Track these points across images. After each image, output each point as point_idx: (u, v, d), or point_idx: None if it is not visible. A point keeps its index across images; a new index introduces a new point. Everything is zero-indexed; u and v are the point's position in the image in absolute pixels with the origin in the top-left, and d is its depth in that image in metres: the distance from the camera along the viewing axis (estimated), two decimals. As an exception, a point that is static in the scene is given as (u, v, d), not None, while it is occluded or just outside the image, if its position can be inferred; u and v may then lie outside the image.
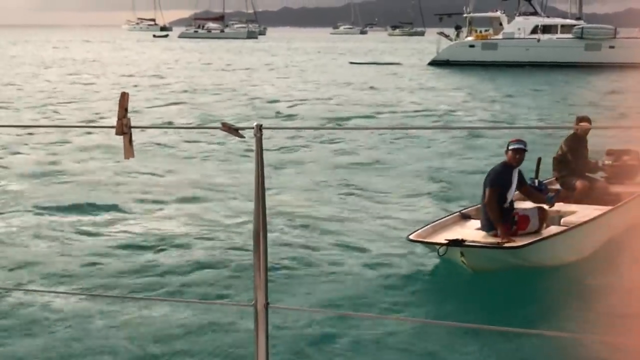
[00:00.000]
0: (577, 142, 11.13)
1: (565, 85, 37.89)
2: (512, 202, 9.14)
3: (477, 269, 8.82)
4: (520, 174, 9.22)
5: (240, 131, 2.88)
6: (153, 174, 14.80)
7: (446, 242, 8.70)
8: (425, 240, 9.00)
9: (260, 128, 2.75)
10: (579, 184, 10.86)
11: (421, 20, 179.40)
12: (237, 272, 8.90)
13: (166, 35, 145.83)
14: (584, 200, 10.60)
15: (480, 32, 53.82)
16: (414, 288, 8.69)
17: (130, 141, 2.93)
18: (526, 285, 8.77)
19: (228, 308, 7.63)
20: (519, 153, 8.96)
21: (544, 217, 9.20)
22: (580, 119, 11.39)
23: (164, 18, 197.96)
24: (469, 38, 52.95)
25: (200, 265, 9.18)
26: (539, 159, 11.26)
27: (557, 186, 11.17)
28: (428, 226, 9.40)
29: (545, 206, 9.48)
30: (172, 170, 15.28)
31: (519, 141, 9.04)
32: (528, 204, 9.62)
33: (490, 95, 32.85)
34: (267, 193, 2.85)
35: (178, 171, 15.28)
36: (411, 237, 9.07)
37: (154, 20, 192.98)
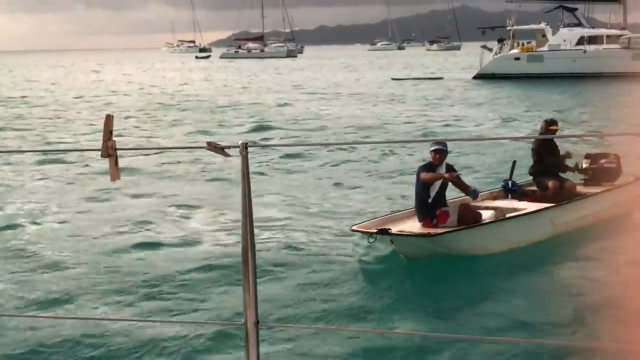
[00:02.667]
0: (545, 144, 11.92)
1: (617, 95, 37.55)
2: (435, 198, 10.15)
3: (408, 255, 9.92)
4: (448, 169, 10.27)
5: (225, 150, 2.87)
6: (139, 194, 14.73)
7: (375, 231, 9.69)
8: (360, 229, 9.96)
9: (245, 146, 2.75)
10: (550, 184, 11.65)
11: (457, 34, 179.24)
12: (226, 291, 8.81)
13: (208, 56, 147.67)
14: (556, 199, 11.36)
15: (523, 44, 53.62)
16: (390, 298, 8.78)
17: (116, 163, 2.92)
18: (451, 274, 9.60)
19: (218, 328, 7.53)
20: (439, 153, 10.14)
21: (463, 213, 10.14)
22: (549, 122, 12.05)
23: (203, 39, 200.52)
24: (514, 51, 52.75)
25: (189, 285, 9.06)
26: (514, 162, 12.16)
27: (534, 187, 12.02)
28: (377, 219, 10.49)
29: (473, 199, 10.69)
30: (158, 190, 15.23)
31: (438, 142, 10.30)
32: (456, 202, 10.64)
33: (548, 106, 32.24)
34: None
35: (164, 190, 15.19)
36: (353, 227, 10.12)
37: (193, 42, 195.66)
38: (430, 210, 10.13)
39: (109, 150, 2.86)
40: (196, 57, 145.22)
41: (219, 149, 2.85)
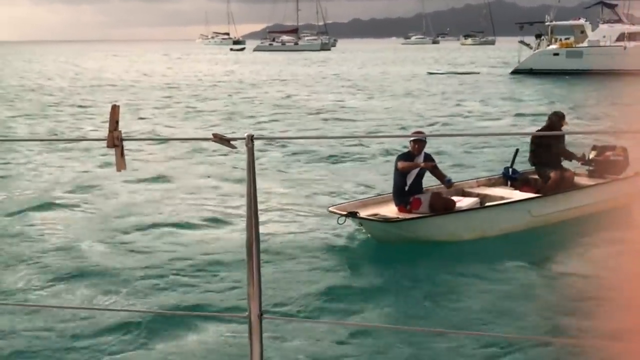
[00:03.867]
0: (548, 135, 12.19)
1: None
2: (411, 186, 10.63)
3: (379, 239, 10.43)
4: (429, 159, 10.79)
5: (231, 142, 2.83)
6: (143, 186, 14.63)
7: (344, 213, 10.16)
8: (334, 210, 10.41)
9: (251, 138, 2.70)
10: (552, 174, 11.83)
11: (492, 29, 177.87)
12: (231, 283, 8.77)
13: (242, 49, 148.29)
14: (556, 190, 11.63)
15: (561, 40, 53.16)
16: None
17: (122, 153, 2.87)
18: (415, 259, 9.85)
19: (222, 319, 7.49)
20: (418, 143, 10.65)
21: (435, 201, 10.57)
22: (558, 115, 12.24)
23: (237, 32, 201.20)
24: (552, 46, 52.32)
25: (193, 277, 9.04)
26: (517, 150, 12.46)
27: (536, 176, 12.19)
28: (357, 201, 11.24)
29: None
30: (163, 182, 15.19)
31: (417, 133, 11.05)
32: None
33: (592, 103, 31.93)
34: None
35: (169, 182, 15.17)
36: (330, 208, 10.67)
37: (227, 34, 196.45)
38: (406, 197, 10.62)
39: (115, 141, 2.82)
40: (230, 49, 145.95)
41: (225, 141, 2.80)
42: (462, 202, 11.03)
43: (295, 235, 10.95)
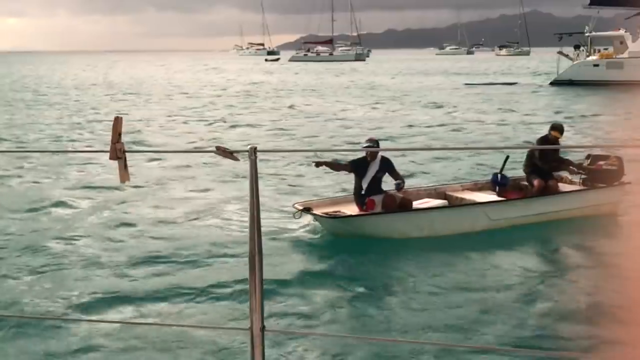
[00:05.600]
0: (543, 145, 12.63)
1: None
2: (367, 189, 11.39)
3: (336, 234, 11.23)
4: (385, 163, 11.48)
5: (235, 154, 2.83)
6: (146, 196, 14.63)
7: (300, 209, 11.10)
8: (296, 206, 11.23)
9: (254, 151, 2.69)
10: (536, 182, 12.29)
11: (527, 39, 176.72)
12: (233, 297, 8.72)
13: (277, 59, 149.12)
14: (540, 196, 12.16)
15: (600, 50, 52.43)
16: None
17: (125, 165, 2.87)
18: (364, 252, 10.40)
19: (224, 332, 7.47)
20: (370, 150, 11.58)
21: (388, 202, 11.35)
22: (553, 127, 12.65)
23: (271, 42, 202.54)
24: (592, 57, 51.60)
25: (196, 290, 8.98)
26: (507, 157, 12.91)
27: (526, 182, 12.62)
28: (324, 199, 12.10)
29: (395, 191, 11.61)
30: (167, 193, 15.16)
31: (370, 140, 11.71)
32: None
33: (638, 114, 31.46)
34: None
35: (172, 194, 15.10)
36: (294, 204, 11.43)
37: (262, 44, 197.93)
38: (363, 198, 11.45)
39: (118, 153, 2.84)
40: (265, 60, 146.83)
41: (228, 153, 2.82)
42: (428, 204, 11.66)
43: (292, 245, 11.04)
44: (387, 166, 11.58)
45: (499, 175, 12.57)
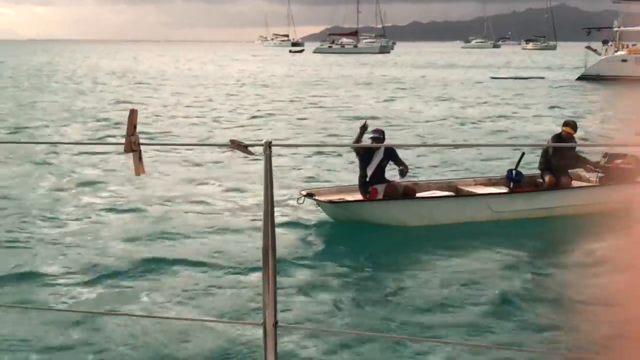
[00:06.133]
0: (557, 142, 12.71)
1: None
2: (371, 177, 11.71)
3: (337, 220, 11.64)
4: (391, 155, 11.76)
5: (249, 148, 2.81)
6: (161, 190, 14.57)
7: (303, 194, 11.49)
8: (302, 193, 11.59)
9: (269, 145, 2.67)
10: (547, 178, 12.39)
11: (554, 33, 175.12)
12: (246, 291, 8.70)
13: (301, 51, 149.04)
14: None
15: (628, 46, 51.78)
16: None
17: (140, 158, 2.87)
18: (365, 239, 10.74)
19: (237, 327, 7.46)
20: (376, 141, 11.54)
21: (390, 191, 11.65)
22: (565, 124, 12.67)
23: (296, 34, 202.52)
24: (620, 52, 51.00)
25: (209, 284, 8.96)
26: (522, 153, 12.87)
27: (540, 179, 12.67)
28: (332, 187, 12.43)
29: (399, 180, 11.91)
30: (180, 187, 15.09)
31: (375, 131, 11.84)
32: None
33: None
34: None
35: (186, 187, 15.05)
36: (302, 191, 11.77)
37: (287, 36, 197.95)
38: (366, 187, 11.76)
39: (133, 145, 2.83)
40: (290, 51, 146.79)
41: (243, 147, 2.79)
42: (430, 194, 11.88)
43: (305, 241, 11.04)
44: (391, 155, 11.82)
45: (513, 171, 12.57)
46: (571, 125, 12.56)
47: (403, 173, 11.66)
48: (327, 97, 39.66)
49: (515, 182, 12.46)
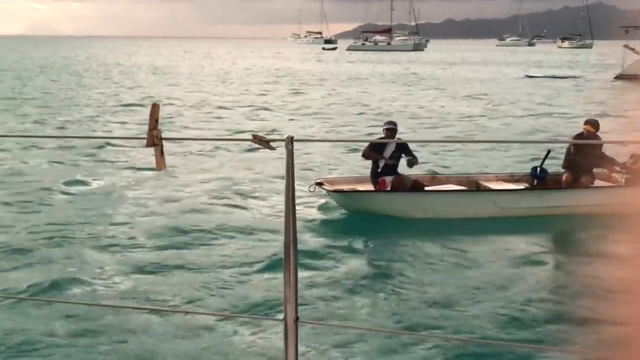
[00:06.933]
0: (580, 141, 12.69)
1: None
2: (383, 169, 12.00)
3: (346, 208, 11.94)
4: (402, 148, 12.04)
5: (271, 143, 2.76)
6: (180, 186, 14.54)
7: (315, 182, 11.83)
8: (316, 181, 11.93)
9: (291, 140, 2.62)
10: (564, 176, 12.40)
11: (590, 32, 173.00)
12: (267, 286, 8.69)
13: (334, 48, 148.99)
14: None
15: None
16: None
17: (162, 152, 2.84)
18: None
19: (258, 322, 7.45)
20: (390, 131, 11.94)
21: (397, 183, 11.91)
22: (586, 122, 12.49)
23: (329, 31, 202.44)
24: (659, 52, 50.18)
25: (231, 279, 8.96)
26: (548, 151, 12.81)
27: (563, 177, 12.52)
28: (347, 177, 12.93)
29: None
30: (201, 182, 15.01)
31: (389, 122, 12.22)
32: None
33: None
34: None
35: (207, 183, 14.95)
36: (317, 179, 12.15)
37: (320, 33, 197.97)
38: (377, 178, 12.04)
39: (155, 140, 2.78)
40: (323, 49, 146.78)
41: (264, 142, 2.73)
42: (437, 189, 12.07)
43: (326, 235, 11.05)
44: (402, 147, 12.07)
45: (538, 168, 12.51)
46: (592, 123, 12.35)
47: (411, 163, 11.97)
48: (368, 94, 39.65)
49: (540, 179, 12.40)
